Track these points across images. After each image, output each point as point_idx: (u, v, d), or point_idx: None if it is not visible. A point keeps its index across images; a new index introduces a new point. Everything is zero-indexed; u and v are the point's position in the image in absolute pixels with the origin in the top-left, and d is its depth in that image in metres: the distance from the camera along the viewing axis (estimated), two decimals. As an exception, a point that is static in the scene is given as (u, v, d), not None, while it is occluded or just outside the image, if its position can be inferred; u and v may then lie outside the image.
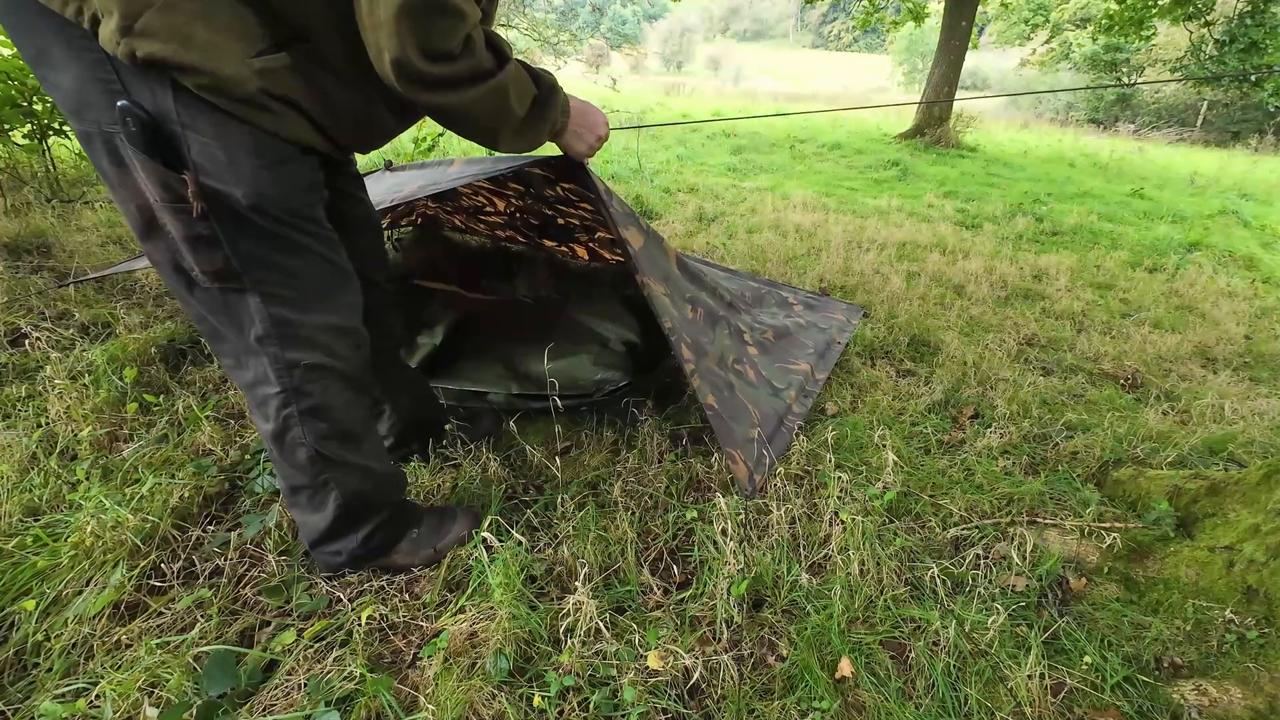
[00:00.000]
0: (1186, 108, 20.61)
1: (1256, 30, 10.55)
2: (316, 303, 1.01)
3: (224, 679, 0.98)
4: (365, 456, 1.16)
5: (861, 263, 3.41)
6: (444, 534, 1.30)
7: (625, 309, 2.18)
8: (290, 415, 1.04)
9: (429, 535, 1.29)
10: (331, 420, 1.08)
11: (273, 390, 1.02)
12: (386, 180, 2.09)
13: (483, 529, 1.29)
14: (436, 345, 1.96)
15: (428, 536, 1.29)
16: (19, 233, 2.60)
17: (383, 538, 1.23)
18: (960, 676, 1.11)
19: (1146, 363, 2.48)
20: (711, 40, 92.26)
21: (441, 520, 1.32)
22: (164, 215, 0.89)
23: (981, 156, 8.90)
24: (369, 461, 1.17)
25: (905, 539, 1.41)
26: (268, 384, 1.02)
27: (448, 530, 1.31)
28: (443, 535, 1.30)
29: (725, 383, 1.65)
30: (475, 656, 1.08)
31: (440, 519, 1.32)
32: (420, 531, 1.28)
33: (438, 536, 1.29)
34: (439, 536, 1.30)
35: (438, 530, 1.30)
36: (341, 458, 1.11)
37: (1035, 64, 20.48)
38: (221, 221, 0.89)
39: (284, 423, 1.05)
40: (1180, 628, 1.19)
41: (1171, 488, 1.51)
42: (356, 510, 1.16)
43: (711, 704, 1.05)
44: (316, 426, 1.06)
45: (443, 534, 1.30)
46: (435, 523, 1.31)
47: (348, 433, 1.12)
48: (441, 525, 1.31)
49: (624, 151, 6.22)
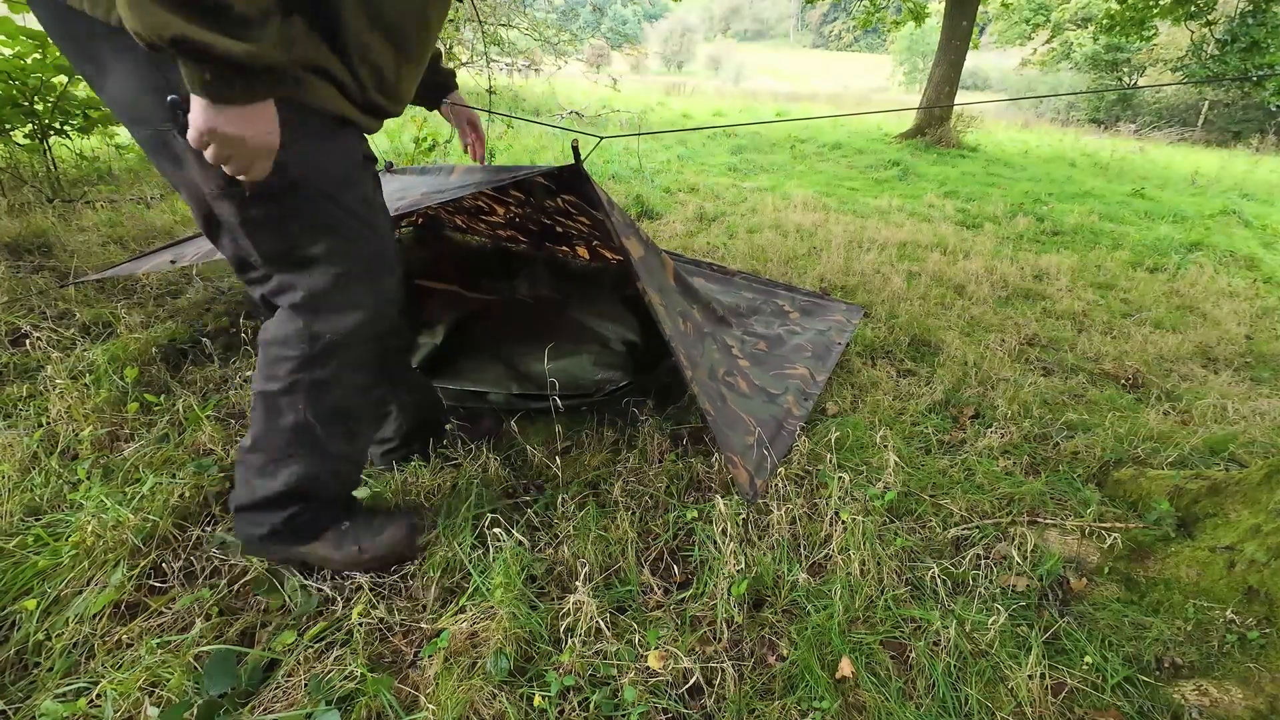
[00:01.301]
0: (1188, 108, 20.59)
1: (1258, 30, 10.54)
2: (355, 284, 1.04)
3: (224, 678, 0.98)
4: (349, 446, 1.16)
5: (862, 262, 3.41)
6: (375, 535, 1.23)
7: (626, 309, 2.18)
8: (299, 381, 1.05)
9: (359, 532, 1.22)
10: (335, 399, 1.09)
11: (292, 353, 1.04)
12: (389, 184, 2.09)
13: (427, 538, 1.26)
14: (437, 345, 1.96)
15: (357, 533, 1.22)
16: (20, 233, 2.60)
17: (310, 520, 1.17)
18: (961, 676, 1.11)
19: (1147, 363, 2.48)
20: (712, 40, 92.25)
21: (376, 521, 1.26)
22: (219, 205, 0.93)
23: (982, 156, 8.89)
24: (349, 451, 1.16)
25: (906, 539, 1.41)
26: (288, 346, 1.04)
27: (381, 532, 1.24)
28: (373, 535, 1.23)
29: (717, 394, 1.65)
30: (476, 656, 1.08)
31: (376, 519, 1.26)
32: (351, 526, 1.22)
33: (368, 536, 1.22)
34: (369, 536, 1.22)
35: (370, 529, 1.23)
36: (325, 441, 1.11)
37: (1036, 64, 20.47)
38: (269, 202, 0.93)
39: (290, 386, 1.06)
40: (1181, 628, 1.19)
41: (1172, 488, 1.50)
42: (302, 492, 1.13)
43: (712, 704, 1.05)
44: (320, 400, 1.07)
45: (374, 534, 1.23)
46: (369, 521, 1.25)
47: (347, 416, 1.12)
48: (376, 526, 1.24)
49: (625, 151, 6.22)
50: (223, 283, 2.47)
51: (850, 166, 7.42)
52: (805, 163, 7.46)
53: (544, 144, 6.40)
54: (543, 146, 6.29)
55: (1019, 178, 7.42)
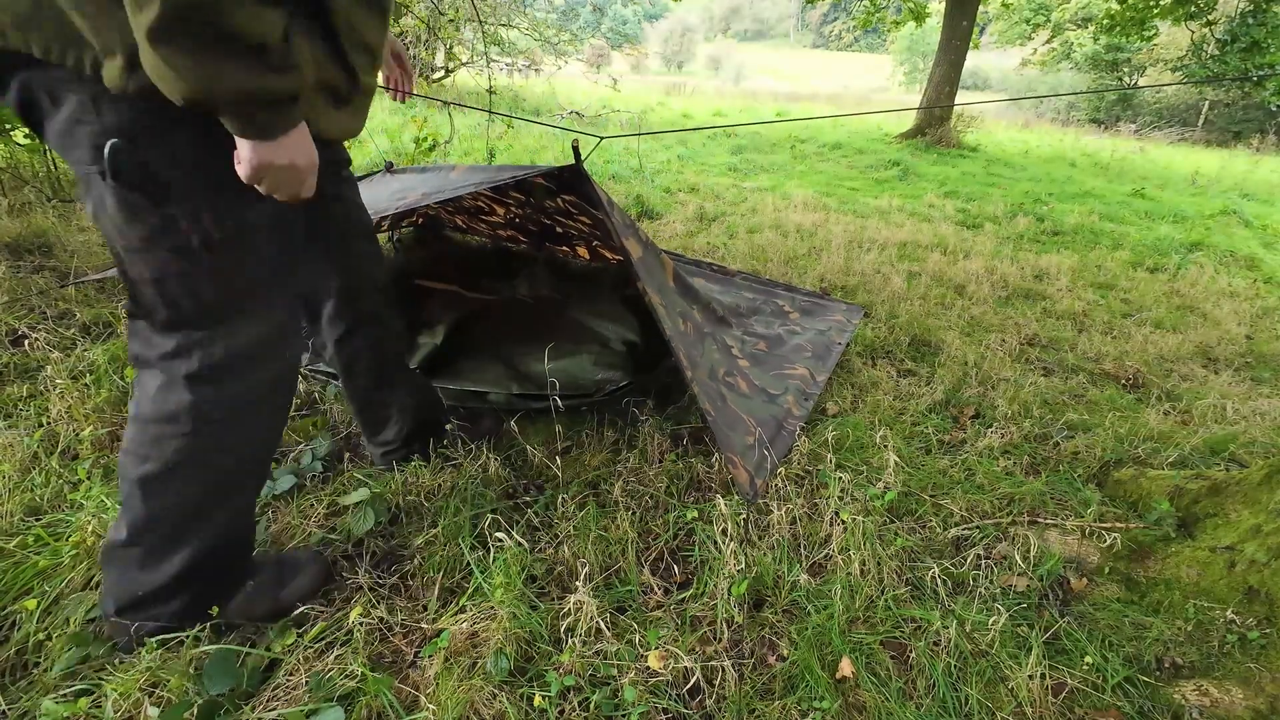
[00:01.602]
0: (1188, 107, 20.59)
1: (1258, 30, 10.53)
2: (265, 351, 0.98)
3: (224, 678, 0.98)
4: (243, 501, 1.08)
5: (862, 262, 3.41)
6: (285, 585, 1.17)
7: (626, 309, 2.18)
8: (187, 460, 0.96)
9: (267, 587, 1.15)
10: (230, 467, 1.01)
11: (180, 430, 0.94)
12: (390, 184, 2.09)
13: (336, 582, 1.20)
14: (437, 345, 1.96)
15: (266, 589, 1.14)
16: (20, 233, 2.60)
17: (208, 598, 1.07)
18: (961, 677, 1.11)
19: (1148, 363, 2.48)
20: (712, 40, 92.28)
21: (282, 571, 1.18)
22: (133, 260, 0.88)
23: (982, 156, 8.89)
24: (243, 505, 1.08)
25: (906, 539, 1.41)
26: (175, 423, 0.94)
27: (289, 581, 1.17)
28: (284, 586, 1.16)
29: (717, 394, 1.65)
30: (476, 656, 1.08)
31: (280, 570, 1.18)
32: (256, 584, 1.14)
33: (278, 588, 1.16)
34: (279, 588, 1.16)
35: (278, 582, 1.16)
36: (217, 510, 1.02)
37: (1036, 64, 20.45)
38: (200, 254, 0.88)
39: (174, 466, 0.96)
40: (1181, 628, 1.19)
41: (1173, 488, 1.50)
42: (198, 572, 1.03)
43: (712, 704, 1.05)
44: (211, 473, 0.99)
45: (284, 585, 1.17)
46: (275, 574, 1.17)
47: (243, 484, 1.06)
48: (282, 576, 1.17)
49: (625, 151, 6.22)
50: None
51: (850, 166, 7.42)
52: (805, 163, 7.46)
53: (544, 144, 6.40)
54: (543, 147, 6.29)
55: (1019, 178, 7.41)
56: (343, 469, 1.54)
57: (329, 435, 1.63)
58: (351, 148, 4.50)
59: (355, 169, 1.47)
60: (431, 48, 9.61)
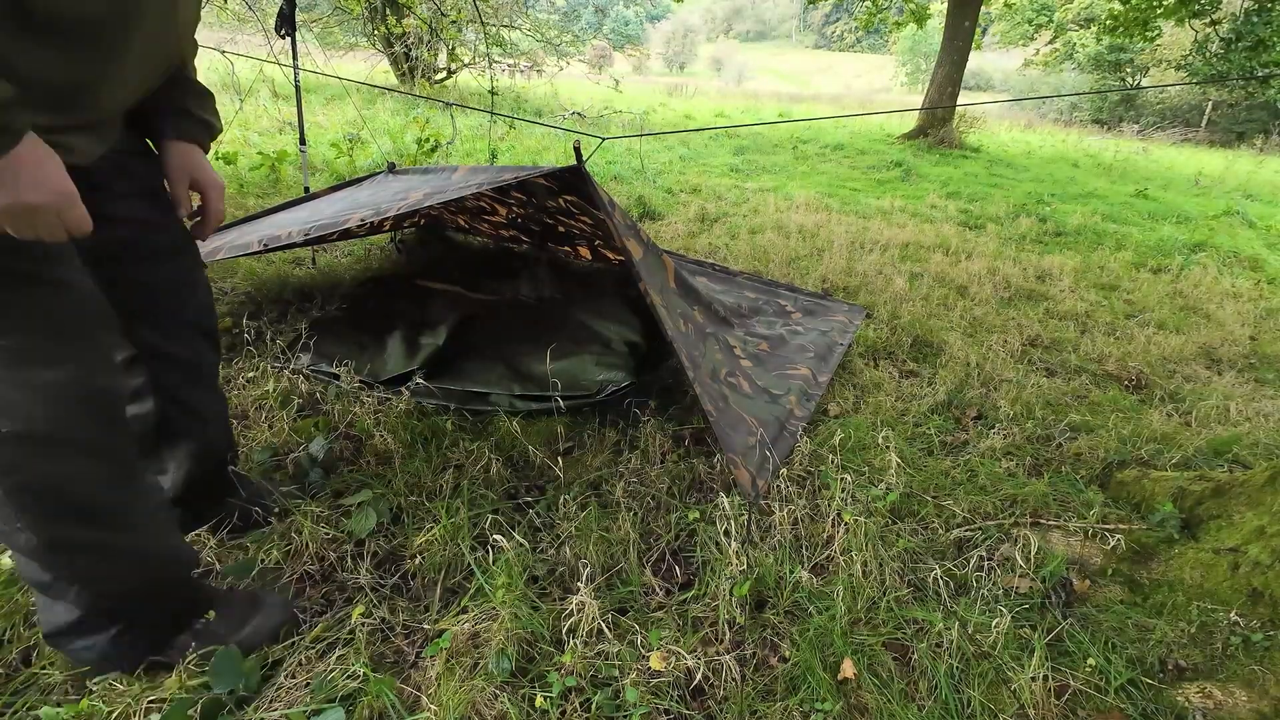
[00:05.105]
0: (1191, 108, 20.56)
1: (1263, 28, 10.48)
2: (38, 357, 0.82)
3: (228, 678, 0.98)
4: (125, 535, 0.94)
5: (864, 263, 3.41)
6: (245, 626, 1.06)
7: (628, 309, 2.18)
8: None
9: (223, 627, 1.04)
10: (59, 498, 0.87)
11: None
12: (392, 185, 2.10)
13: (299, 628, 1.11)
14: (439, 345, 1.96)
15: (221, 629, 1.04)
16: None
17: (145, 637, 0.99)
18: (963, 678, 1.11)
19: (1151, 364, 2.48)
20: (714, 41, 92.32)
21: (242, 609, 1.08)
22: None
23: (985, 157, 8.88)
24: (134, 541, 0.95)
25: (908, 540, 1.41)
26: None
27: (249, 621, 1.07)
28: (242, 628, 1.06)
29: (719, 394, 1.65)
30: (478, 657, 1.08)
31: (241, 608, 1.08)
32: (211, 624, 1.04)
33: (235, 629, 1.05)
34: (237, 629, 1.05)
35: (236, 621, 1.06)
36: (85, 542, 0.90)
37: (1039, 64, 20.43)
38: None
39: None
40: (1185, 630, 1.19)
41: (1176, 489, 1.50)
42: (109, 605, 0.96)
43: (714, 705, 1.05)
44: (37, 508, 0.86)
45: (243, 626, 1.06)
46: (233, 613, 1.07)
47: (91, 510, 0.90)
48: (242, 615, 1.07)
49: (627, 152, 6.22)
50: (224, 282, 2.47)
51: (853, 167, 7.42)
52: (807, 163, 7.46)
53: (546, 145, 6.41)
54: (545, 147, 6.29)
55: (1022, 178, 7.41)
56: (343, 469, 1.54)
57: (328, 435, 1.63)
58: (355, 148, 4.51)
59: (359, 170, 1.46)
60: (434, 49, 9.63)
